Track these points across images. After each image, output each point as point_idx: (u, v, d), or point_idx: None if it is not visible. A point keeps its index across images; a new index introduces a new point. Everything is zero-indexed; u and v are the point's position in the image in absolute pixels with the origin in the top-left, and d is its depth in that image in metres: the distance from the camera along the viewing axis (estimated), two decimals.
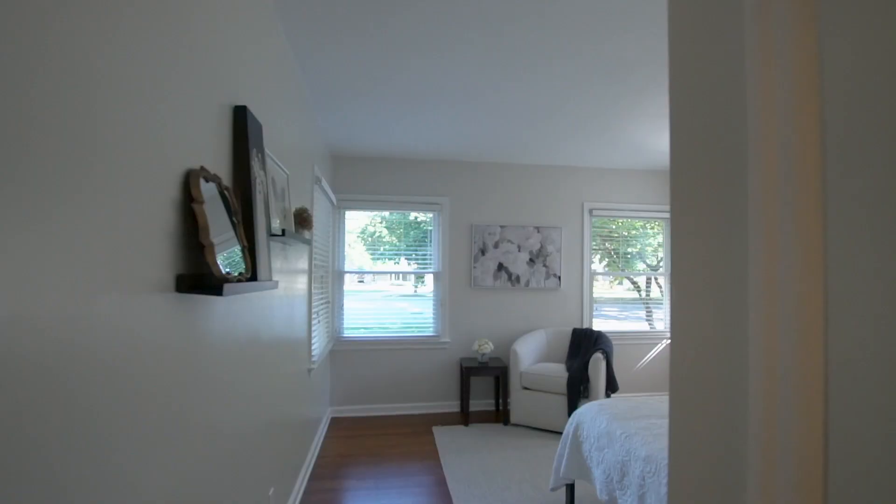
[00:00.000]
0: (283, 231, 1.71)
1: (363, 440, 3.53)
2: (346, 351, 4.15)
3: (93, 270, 0.76)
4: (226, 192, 1.31)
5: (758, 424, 0.49)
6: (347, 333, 4.24)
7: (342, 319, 4.20)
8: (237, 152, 1.43)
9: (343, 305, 4.20)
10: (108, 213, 0.80)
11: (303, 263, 2.69)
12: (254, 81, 1.63)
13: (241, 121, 1.43)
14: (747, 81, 0.48)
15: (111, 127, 0.80)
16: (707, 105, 0.57)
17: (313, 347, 3.01)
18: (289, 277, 2.29)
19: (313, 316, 3.03)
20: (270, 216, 1.69)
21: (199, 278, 1.10)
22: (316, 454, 3.20)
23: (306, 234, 2.28)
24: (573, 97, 2.78)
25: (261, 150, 1.56)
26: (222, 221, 1.27)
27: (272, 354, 2.01)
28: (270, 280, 1.58)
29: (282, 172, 2.00)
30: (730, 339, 0.55)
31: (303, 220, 2.18)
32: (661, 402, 2.33)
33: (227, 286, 1.08)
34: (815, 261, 0.43)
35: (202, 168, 1.16)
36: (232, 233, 1.33)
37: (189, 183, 1.09)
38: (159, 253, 0.98)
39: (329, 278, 3.91)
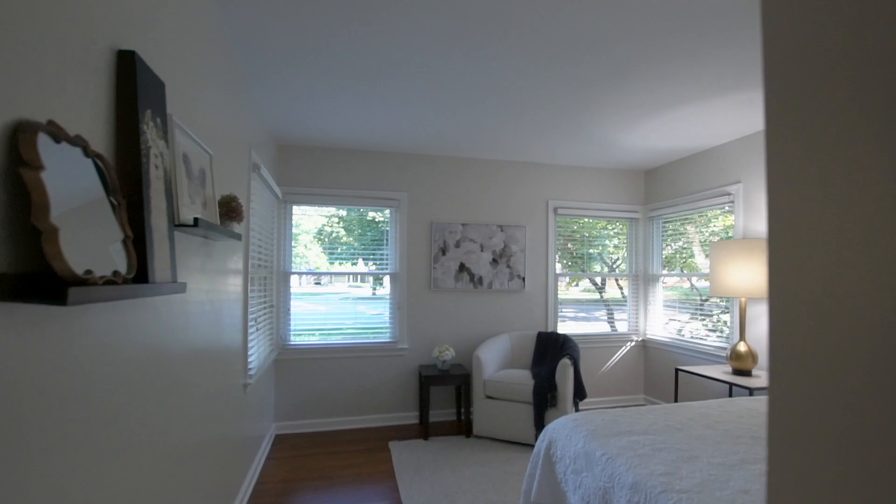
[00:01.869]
0: (196, 221, 1.36)
1: (311, 460, 3.16)
2: (293, 360, 3.75)
3: None
4: (99, 163, 0.97)
5: None
6: (295, 340, 3.84)
7: (289, 325, 3.79)
8: (122, 112, 1.07)
9: (290, 310, 3.80)
10: None
11: (235, 262, 2.32)
12: (150, 21, 1.27)
13: (128, 70, 1.08)
14: None
15: None
16: None
17: (250, 359, 2.62)
18: (214, 279, 1.92)
19: (251, 323, 2.65)
20: (178, 201, 1.34)
21: (34, 279, 0.75)
22: (255, 480, 2.81)
23: (235, 226, 1.92)
24: (538, 78, 2.55)
25: (160, 114, 1.21)
26: (90, 201, 0.93)
27: (189, 371, 1.64)
28: (174, 282, 1.23)
29: (201, 151, 1.63)
30: None
31: (230, 209, 1.82)
32: (639, 415, 2.13)
33: (76, 290, 0.74)
34: None
35: (50, 122, 0.82)
36: (108, 217, 0.98)
37: (18, 139, 0.74)
38: None
39: (273, 280, 3.52)
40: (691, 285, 4.29)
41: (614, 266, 4.87)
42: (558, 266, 4.46)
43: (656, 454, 1.67)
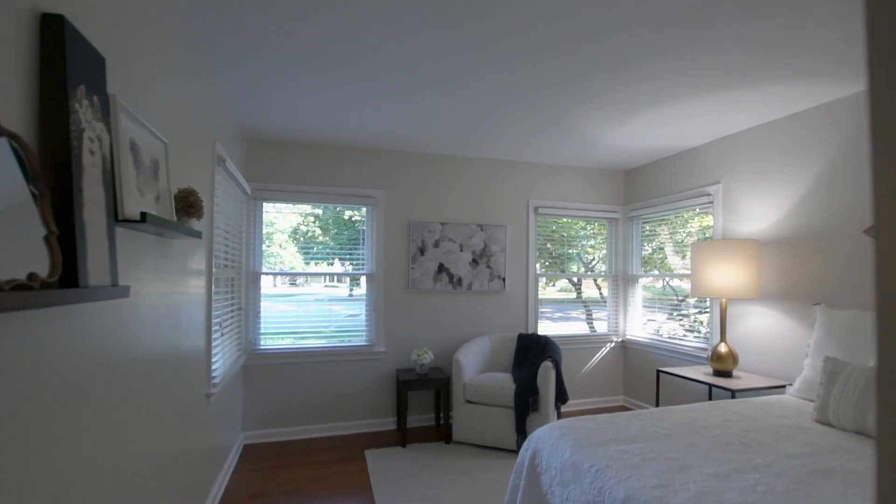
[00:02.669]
0: (144, 216, 1.20)
1: (282, 472, 2.99)
2: (263, 365, 3.56)
3: None
4: (14, 144, 0.81)
5: None
6: (266, 343, 3.65)
7: (258, 328, 3.60)
8: (46, 86, 0.91)
9: (259, 312, 3.61)
10: None
11: (197, 263, 2.14)
12: None
13: (54, 38, 0.92)
14: None
15: None
16: None
17: (214, 366, 2.44)
18: (170, 280, 1.75)
19: (215, 328, 2.47)
20: (123, 193, 1.18)
21: None
22: (220, 495, 2.63)
23: (195, 223, 1.76)
24: (522, 73, 2.46)
25: (98, 93, 1.05)
26: (2, 189, 0.77)
27: (140, 383, 1.47)
28: (114, 285, 1.07)
29: (153, 139, 1.47)
30: None
31: (188, 205, 1.65)
32: (626, 421, 2.05)
33: None
34: None
35: None
36: (26, 210, 0.83)
37: None
38: None
39: (241, 281, 3.33)
40: (665, 284, 4.29)
41: (591, 266, 4.84)
42: (538, 266, 4.39)
43: (647, 465, 1.59)
